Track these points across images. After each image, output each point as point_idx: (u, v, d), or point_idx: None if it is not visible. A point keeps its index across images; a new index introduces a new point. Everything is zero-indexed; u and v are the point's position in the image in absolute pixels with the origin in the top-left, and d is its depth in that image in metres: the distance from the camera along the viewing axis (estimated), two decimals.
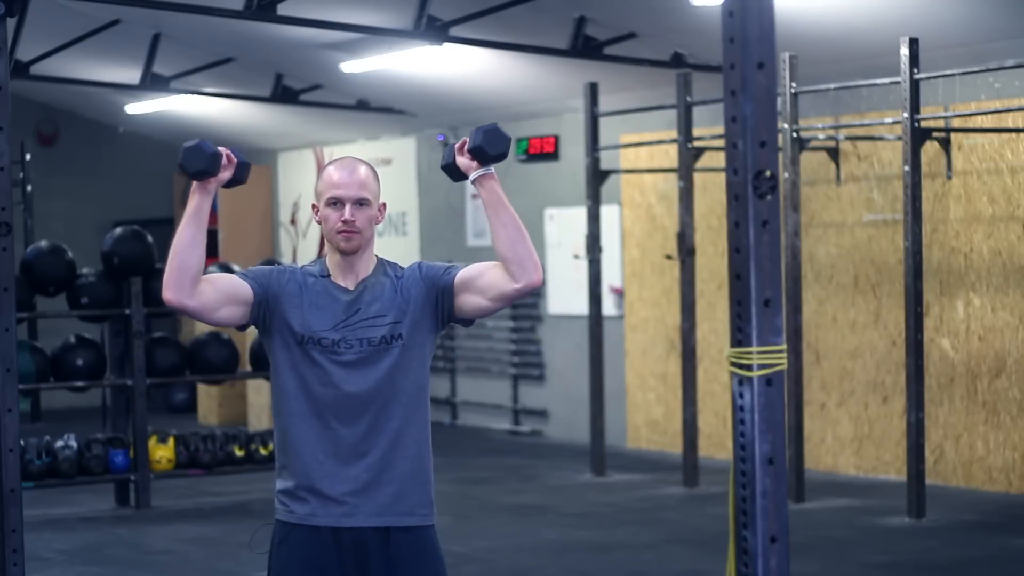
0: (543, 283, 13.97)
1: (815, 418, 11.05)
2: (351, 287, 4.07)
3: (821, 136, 10.59)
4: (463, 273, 4.07)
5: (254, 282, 4.06)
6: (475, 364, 14.10)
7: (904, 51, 9.01)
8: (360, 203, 4.03)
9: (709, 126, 10.77)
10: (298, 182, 16.45)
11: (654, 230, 12.35)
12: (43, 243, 10.38)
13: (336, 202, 4.03)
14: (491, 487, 10.87)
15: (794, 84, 9.69)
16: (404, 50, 11.44)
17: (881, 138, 10.40)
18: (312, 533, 4.04)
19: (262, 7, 9.71)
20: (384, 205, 4.14)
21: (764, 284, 3.01)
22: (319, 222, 4.10)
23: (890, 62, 9.35)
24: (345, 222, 4.02)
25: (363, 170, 4.08)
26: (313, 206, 4.13)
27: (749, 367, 3.02)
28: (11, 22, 7.62)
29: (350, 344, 4.02)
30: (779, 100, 9.53)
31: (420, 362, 4.08)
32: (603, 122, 11.21)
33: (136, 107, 15.26)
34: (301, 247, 16.36)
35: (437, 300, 4.08)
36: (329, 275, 4.09)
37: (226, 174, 4.03)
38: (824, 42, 10.05)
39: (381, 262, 4.14)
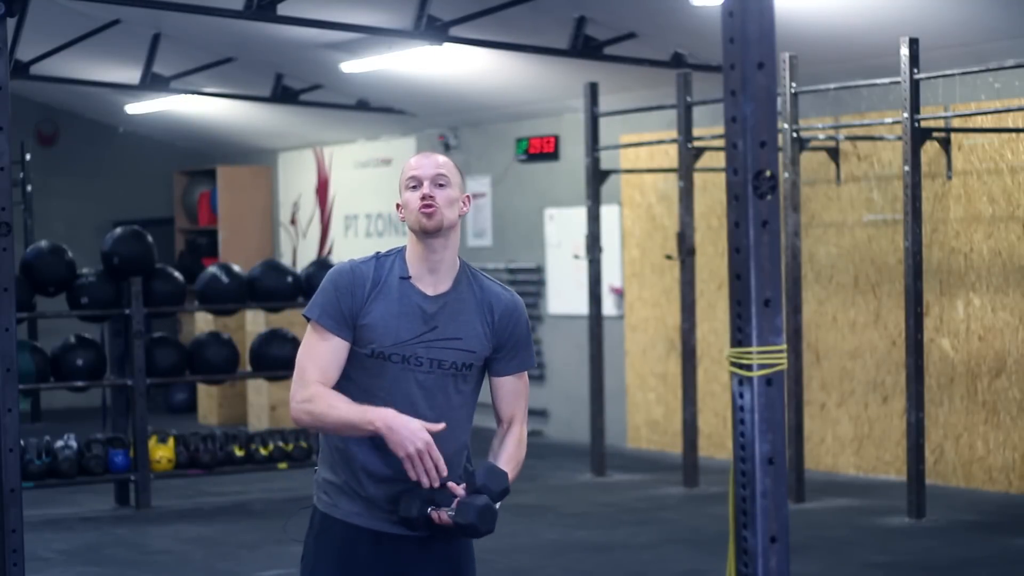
0: (543, 283, 13.83)
1: (815, 418, 11.05)
2: (432, 294, 3.99)
3: (821, 136, 10.59)
4: (510, 379, 4.12)
5: (340, 329, 3.95)
6: None
7: (904, 51, 9.01)
8: (439, 183, 3.96)
9: (709, 126, 10.77)
10: (298, 182, 16.45)
11: (654, 230, 12.35)
12: (43, 243, 10.39)
13: (415, 183, 3.96)
14: None
15: (794, 84, 9.69)
16: (404, 50, 11.44)
17: (881, 138, 10.40)
18: (354, 532, 4.01)
19: (262, 7, 9.71)
20: (468, 198, 4.06)
21: (764, 284, 3.01)
22: (403, 219, 4.02)
23: (890, 62, 9.35)
24: (424, 196, 3.93)
25: (442, 158, 4.04)
26: (397, 206, 4.04)
27: (749, 367, 3.01)
28: (11, 22, 7.61)
29: (420, 362, 3.96)
30: (779, 100, 9.53)
31: (477, 388, 4.11)
32: (603, 122, 11.21)
33: (136, 107, 15.25)
34: (301, 247, 16.36)
35: (495, 352, 4.08)
36: (410, 277, 4.00)
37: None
38: (824, 42, 10.05)
39: (464, 268, 4.05)
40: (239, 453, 10.43)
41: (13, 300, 5.66)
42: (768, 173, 3.00)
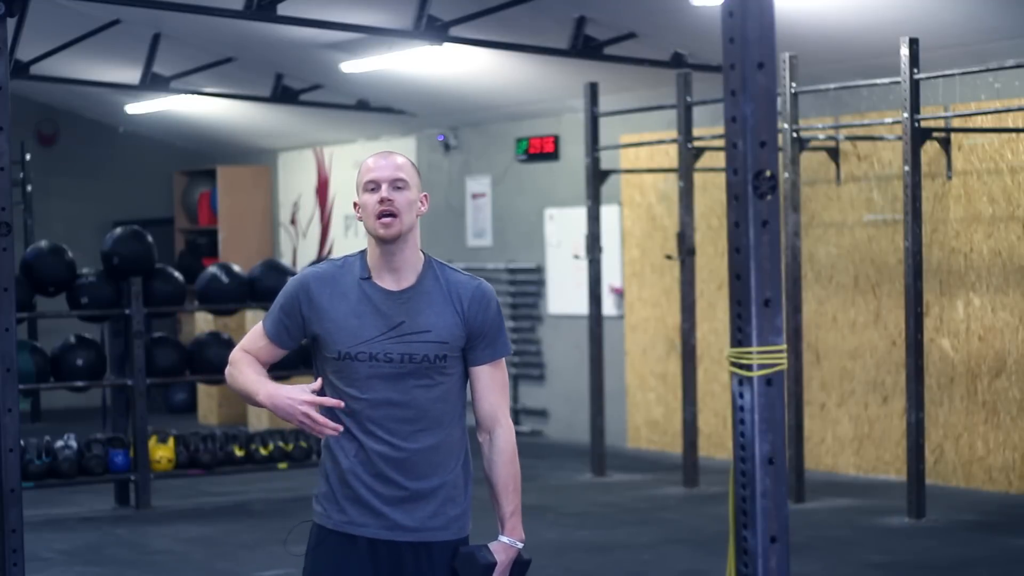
0: (543, 283, 13.78)
1: (815, 418, 11.05)
2: (395, 290, 3.99)
3: (821, 136, 10.59)
4: (486, 369, 4.05)
5: (279, 337, 4.06)
6: None
7: (904, 51, 9.01)
8: (397, 185, 3.95)
9: (709, 126, 10.77)
10: (298, 182, 16.44)
11: (654, 230, 12.35)
12: (43, 243, 10.39)
13: (373, 186, 3.96)
14: None
15: (794, 84, 9.69)
16: (404, 50, 11.44)
17: (881, 138, 10.40)
18: (348, 541, 4.00)
19: (262, 7, 9.71)
20: (426, 196, 4.06)
21: (764, 284, 3.01)
22: (360, 219, 4.02)
23: (890, 62, 9.35)
24: (383, 201, 3.93)
25: (400, 157, 4.02)
26: (355, 204, 4.04)
27: (749, 367, 3.01)
28: (11, 22, 7.62)
29: (391, 358, 3.94)
30: (779, 100, 9.53)
31: (461, 380, 4.06)
32: (603, 122, 11.21)
33: (136, 107, 15.25)
34: (301, 247, 16.36)
35: (469, 342, 4.03)
36: (371, 276, 4.01)
37: None
38: (824, 42, 10.05)
39: (429, 262, 4.04)
40: (239, 453, 10.43)
41: (13, 300, 5.67)
42: (768, 173, 3.00)
